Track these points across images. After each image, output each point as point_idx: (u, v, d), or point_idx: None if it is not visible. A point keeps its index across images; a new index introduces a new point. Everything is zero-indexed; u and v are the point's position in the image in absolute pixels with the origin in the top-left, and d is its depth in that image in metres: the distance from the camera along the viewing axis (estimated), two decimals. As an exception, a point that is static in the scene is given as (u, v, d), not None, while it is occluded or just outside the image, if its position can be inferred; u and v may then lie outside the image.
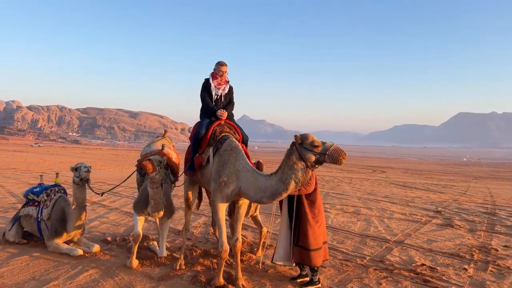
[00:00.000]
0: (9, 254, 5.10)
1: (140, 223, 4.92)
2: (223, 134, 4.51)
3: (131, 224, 7.19)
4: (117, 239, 6.03)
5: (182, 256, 4.87)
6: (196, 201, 5.51)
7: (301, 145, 3.74)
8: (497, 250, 6.14)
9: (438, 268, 5.11)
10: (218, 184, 4.07)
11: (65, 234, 5.23)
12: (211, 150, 4.45)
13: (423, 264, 5.24)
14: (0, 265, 4.63)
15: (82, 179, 5.07)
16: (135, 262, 4.73)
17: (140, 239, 4.85)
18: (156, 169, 4.51)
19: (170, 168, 5.31)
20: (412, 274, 4.81)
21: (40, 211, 5.39)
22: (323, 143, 3.71)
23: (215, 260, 4.96)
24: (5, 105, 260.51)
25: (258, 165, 4.56)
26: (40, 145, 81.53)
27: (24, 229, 5.69)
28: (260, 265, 4.91)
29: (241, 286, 4.11)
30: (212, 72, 4.94)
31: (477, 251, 6.06)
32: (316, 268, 4.31)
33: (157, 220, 5.58)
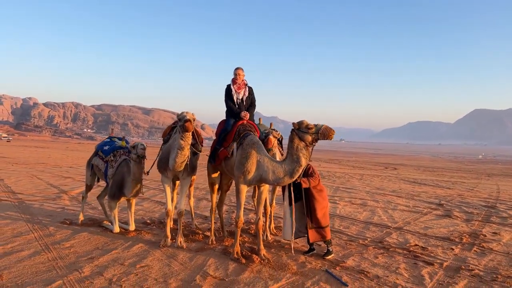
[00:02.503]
0: (73, 231, 6.25)
1: (169, 198, 5.73)
2: (246, 131, 5.42)
3: (164, 211, 8.24)
4: (155, 221, 7.14)
5: (212, 234, 5.90)
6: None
7: (299, 130, 4.73)
8: (486, 236, 6.97)
9: (429, 248, 6.01)
10: (242, 172, 5.00)
11: (122, 197, 6.18)
12: (235, 145, 5.35)
13: (416, 245, 6.14)
14: (69, 239, 5.76)
15: (138, 156, 5.73)
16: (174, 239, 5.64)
17: (172, 214, 5.75)
18: (193, 128, 5.23)
19: (194, 135, 5.57)
20: (405, 252, 5.73)
21: (106, 168, 6.40)
22: (315, 125, 4.70)
23: (240, 238, 5.92)
24: (22, 102, 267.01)
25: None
26: (10, 139, 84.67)
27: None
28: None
29: (262, 256, 5.09)
30: (232, 78, 5.81)
31: (467, 236, 6.90)
32: (330, 240, 5.38)
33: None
